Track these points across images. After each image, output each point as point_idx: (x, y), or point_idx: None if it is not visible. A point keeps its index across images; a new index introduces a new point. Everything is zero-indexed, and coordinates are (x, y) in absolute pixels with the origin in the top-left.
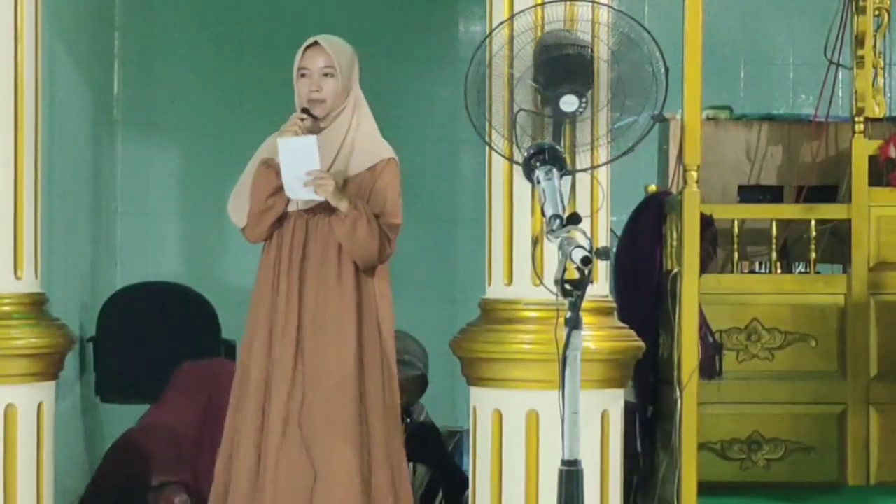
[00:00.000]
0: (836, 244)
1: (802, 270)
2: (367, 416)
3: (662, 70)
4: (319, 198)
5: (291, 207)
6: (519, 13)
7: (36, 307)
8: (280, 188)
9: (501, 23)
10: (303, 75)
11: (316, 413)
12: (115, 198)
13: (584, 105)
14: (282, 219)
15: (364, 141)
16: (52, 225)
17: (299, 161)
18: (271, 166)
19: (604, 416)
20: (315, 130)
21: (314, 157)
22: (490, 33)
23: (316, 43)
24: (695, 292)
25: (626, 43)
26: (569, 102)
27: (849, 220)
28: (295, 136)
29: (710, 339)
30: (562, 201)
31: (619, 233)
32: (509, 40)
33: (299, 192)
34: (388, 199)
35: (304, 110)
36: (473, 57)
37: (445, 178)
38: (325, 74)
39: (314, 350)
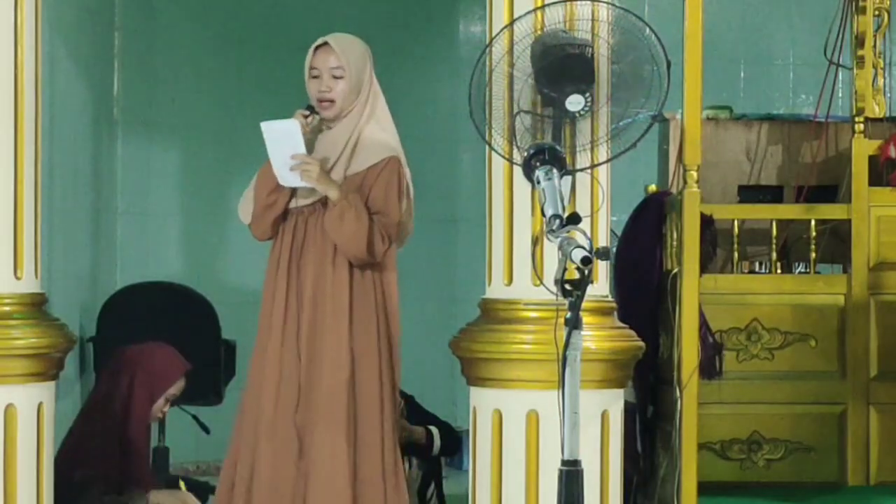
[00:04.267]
0: (836, 244)
1: (802, 270)
2: (358, 408)
3: (664, 65)
4: (306, 185)
5: (293, 204)
6: (521, 16)
7: (36, 307)
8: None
9: (504, 27)
10: (314, 76)
11: (309, 408)
12: (115, 198)
13: (588, 104)
14: (287, 216)
15: (371, 140)
16: (52, 225)
17: (284, 146)
18: None
19: (604, 416)
20: (320, 128)
21: (298, 141)
22: (493, 37)
23: (326, 43)
24: (695, 292)
25: (628, 40)
26: (575, 102)
27: (849, 220)
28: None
29: (710, 339)
30: (562, 201)
31: (619, 233)
32: (510, 42)
33: (288, 178)
34: (387, 197)
35: (309, 107)
36: (479, 59)
37: (446, 178)
38: (335, 76)
39: (310, 344)
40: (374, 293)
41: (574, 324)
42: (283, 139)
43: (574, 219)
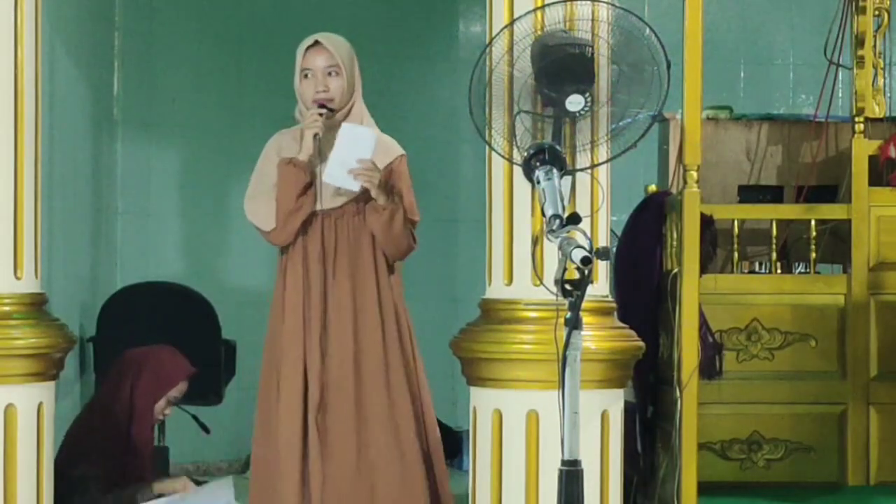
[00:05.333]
0: (836, 244)
1: (802, 270)
2: (413, 410)
3: (664, 65)
4: (355, 187)
5: (319, 207)
6: (521, 16)
7: (36, 307)
8: (308, 186)
9: (504, 27)
10: (306, 76)
11: (362, 414)
12: (115, 198)
13: (588, 104)
14: (305, 220)
15: (380, 139)
16: (52, 225)
17: (354, 149)
18: (297, 165)
19: (604, 416)
20: (332, 126)
21: (370, 148)
22: (493, 37)
23: (317, 42)
24: (695, 292)
25: (628, 40)
26: (575, 102)
27: (849, 220)
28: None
29: (710, 339)
30: (562, 201)
31: (619, 233)
32: (510, 42)
33: (340, 179)
34: (406, 196)
35: (321, 105)
36: (479, 59)
37: (446, 178)
38: (330, 73)
39: (356, 351)
40: (401, 297)
41: (574, 324)
42: (355, 143)
43: (574, 219)
